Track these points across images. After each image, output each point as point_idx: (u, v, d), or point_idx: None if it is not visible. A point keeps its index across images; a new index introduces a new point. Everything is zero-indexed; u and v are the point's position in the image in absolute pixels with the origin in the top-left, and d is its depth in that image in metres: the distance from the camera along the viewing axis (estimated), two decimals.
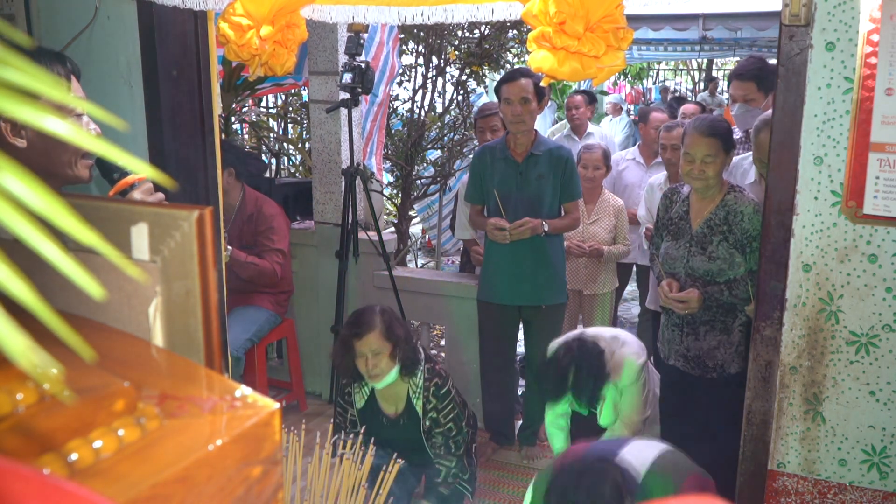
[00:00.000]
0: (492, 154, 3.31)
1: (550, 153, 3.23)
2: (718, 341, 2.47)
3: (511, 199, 3.22)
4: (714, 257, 2.42)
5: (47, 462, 0.51)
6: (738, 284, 2.41)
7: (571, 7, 1.41)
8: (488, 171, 3.29)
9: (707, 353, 2.49)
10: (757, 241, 2.35)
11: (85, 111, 1.42)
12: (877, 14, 1.51)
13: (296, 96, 6.14)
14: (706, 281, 2.45)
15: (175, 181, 1.92)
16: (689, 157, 2.47)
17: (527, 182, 3.22)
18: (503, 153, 3.27)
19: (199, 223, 0.67)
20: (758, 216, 2.36)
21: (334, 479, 1.45)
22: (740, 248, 2.41)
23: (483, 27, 5.28)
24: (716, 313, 2.47)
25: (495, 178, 3.25)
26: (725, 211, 2.45)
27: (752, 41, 9.47)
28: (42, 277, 0.50)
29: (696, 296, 2.44)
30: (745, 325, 2.43)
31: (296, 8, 1.76)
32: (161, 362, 0.71)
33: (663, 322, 2.72)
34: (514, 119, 3.15)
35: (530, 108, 3.14)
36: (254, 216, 3.51)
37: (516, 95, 3.11)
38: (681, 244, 2.53)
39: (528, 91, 3.11)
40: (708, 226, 2.46)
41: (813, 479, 1.75)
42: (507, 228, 3.11)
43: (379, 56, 4.15)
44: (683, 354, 2.56)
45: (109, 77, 2.23)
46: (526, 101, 3.12)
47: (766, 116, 2.28)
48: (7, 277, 0.30)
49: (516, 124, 3.16)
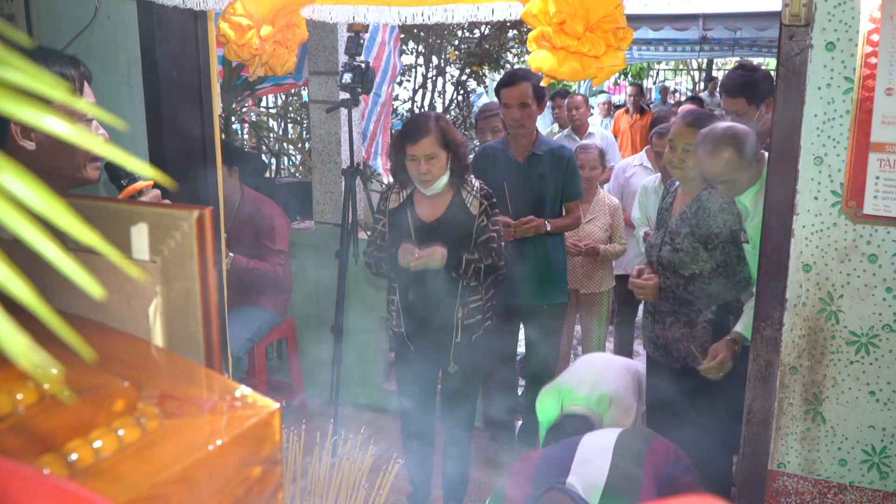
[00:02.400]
0: (493, 154, 3.33)
1: (552, 153, 3.24)
2: (682, 334, 2.50)
3: (513, 199, 3.24)
4: (678, 249, 2.46)
5: (47, 462, 0.51)
6: (696, 281, 2.41)
7: (571, 7, 1.41)
8: (490, 171, 3.28)
9: (672, 344, 2.53)
10: (721, 238, 2.39)
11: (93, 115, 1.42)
12: (877, 14, 1.51)
13: (296, 96, 6.14)
14: (671, 272, 2.49)
15: (175, 181, 1.92)
16: (671, 145, 2.54)
17: (529, 182, 3.23)
18: (504, 153, 3.28)
19: (199, 223, 0.67)
20: (723, 214, 2.40)
21: (334, 479, 1.45)
22: (704, 243, 2.43)
23: (483, 27, 5.28)
24: (677, 305, 2.50)
25: (498, 178, 3.25)
26: (697, 205, 2.48)
27: (752, 41, 9.47)
28: (42, 277, 0.50)
29: (653, 284, 2.49)
30: (711, 324, 2.44)
31: (296, 8, 1.76)
32: (161, 362, 0.71)
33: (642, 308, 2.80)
34: (513, 123, 3.18)
35: (530, 111, 3.15)
36: (253, 216, 3.51)
37: (515, 100, 3.13)
38: (659, 234, 2.60)
39: (527, 95, 3.12)
40: (681, 218, 2.51)
41: (813, 479, 1.75)
42: (512, 225, 3.13)
43: (381, 56, 4.15)
44: (654, 342, 2.61)
45: (109, 77, 2.23)
46: (525, 106, 3.13)
47: (709, 132, 2.27)
48: (7, 277, 0.30)
49: (516, 128, 3.19)
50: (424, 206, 2.73)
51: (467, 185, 2.71)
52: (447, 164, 2.62)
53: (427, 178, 2.59)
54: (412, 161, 2.59)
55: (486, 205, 2.67)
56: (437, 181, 2.61)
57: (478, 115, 3.88)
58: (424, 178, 2.59)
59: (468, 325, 2.73)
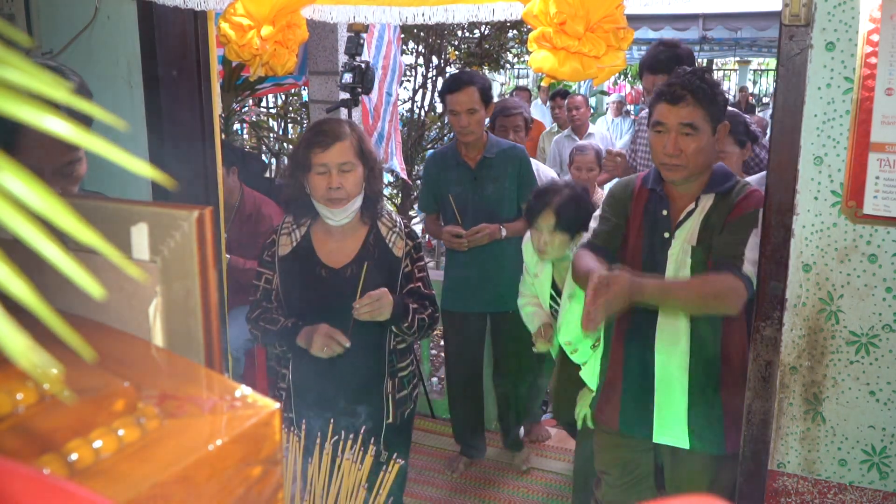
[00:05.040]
0: (443, 161, 3.20)
1: (504, 154, 3.14)
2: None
3: (468, 206, 3.12)
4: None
5: (47, 462, 0.51)
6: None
7: (572, 7, 1.41)
8: (441, 179, 3.20)
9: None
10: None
11: (94, 114, 1.42)
12: (877, 14, 1.51)
13: (296, 96, 6.14)
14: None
15: (175, 181, 1.91)
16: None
17: (482, 187, 3.12)
18: (455, 159, 3.16)
19: (199, 223, 0.67)
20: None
21: (334, 479, 1.45)
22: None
23: (483, 27, 5.28)
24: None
25: (450, 185, 3.15)
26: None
27: (752, 41, 9.49)
28: (42, 277, 0.50)
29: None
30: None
31: (296, 8, 1.76)
32: (161, 362, 0.71)
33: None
34: (461, 130, 3.06)
35: (478, 117, 3.04)
36: (253, 216, 3.51)
37: (463, 107, 3.02)
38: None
39: (474, 101, 3.01)
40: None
41: (813, 479, 1.74)
42: (464, 235, 3.03)
43: (389, 55, 4.15)
44: None
45: (109, 77, 2.23)
46: (473, 112, 3.02)
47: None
48: (7, 277, 0.30)
49: (465, 135, 3.07)
50: (330, 246, 2.11)
51: (386, 217, 2.16)
52: (362, 183, 2.07)
53: (338, 196, 2.01)
54: (320, 175, 2.01)
55: (409, 246, 2.15)
56: (350, 202, 2.04)
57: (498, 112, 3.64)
58: (335, 195, 2.01)
59: (400, 401, 2.18)
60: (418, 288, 2.16)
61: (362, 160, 2.06)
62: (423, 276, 2.20)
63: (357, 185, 2.05)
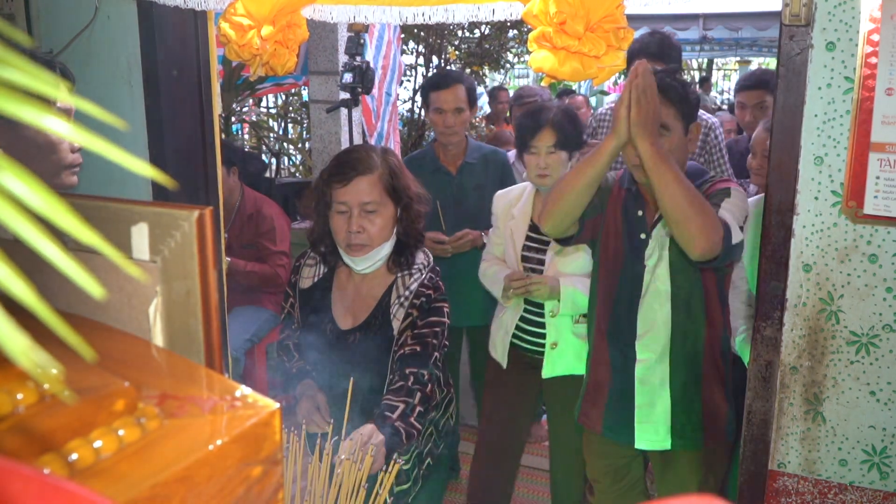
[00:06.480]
0: (420, 166, 2.93)
1: (485, 159, 2.99)
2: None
3: (449, 214, 2.93)
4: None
5: (47, 462, 0.51)
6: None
7: (572, 7, 1.41)
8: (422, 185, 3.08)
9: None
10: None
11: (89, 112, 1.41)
12: (877, 14, 1.51)
13: (296, 96, 6.15)
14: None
15: (175, 181, 1.91)
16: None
17: (464, 194, 2.96)
18: (434, 164, 2.97)
19: (199, 223, 0.67)
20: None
21: (335, 479, 1.45)
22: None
23: (483, 27, 5.28)
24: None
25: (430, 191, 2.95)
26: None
27: (753, 41, 9.49)
28: (42, 277, 0.50)
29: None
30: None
31: (297, 8, 1.76)
32: (161, 362, 0.71)
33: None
34: (445, 130, 2.89)
35: (464, 117, 2.90)
36: (253, 216, 3.51)
37: (450, 105, 2.86)
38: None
39: (461, 100, 2.87)
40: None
41: (813, 479, 1.74)
42: (447, 242, 2.85)
43: (389, 55, 4.16)
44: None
45: (109, 77, 2.23)
46: (460, 111, 2.88)
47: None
48: (7, 277, 0.30)
49: (448, 136, 2.91)
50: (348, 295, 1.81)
51: (408, 274, 1.78)
52: (392, 226, 1.76)
53: (359, 241, 1.72)
54: (340, 213, 1.73)
55: (413, 316, 1.76)
56: (374, 250, 1.74)
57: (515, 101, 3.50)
58: (355, 240, 1.72)
59: (399, 495, 1.83)
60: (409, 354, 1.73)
61: (393, 198, 1.76)
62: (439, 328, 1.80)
63: (384, 229, 1.74)
